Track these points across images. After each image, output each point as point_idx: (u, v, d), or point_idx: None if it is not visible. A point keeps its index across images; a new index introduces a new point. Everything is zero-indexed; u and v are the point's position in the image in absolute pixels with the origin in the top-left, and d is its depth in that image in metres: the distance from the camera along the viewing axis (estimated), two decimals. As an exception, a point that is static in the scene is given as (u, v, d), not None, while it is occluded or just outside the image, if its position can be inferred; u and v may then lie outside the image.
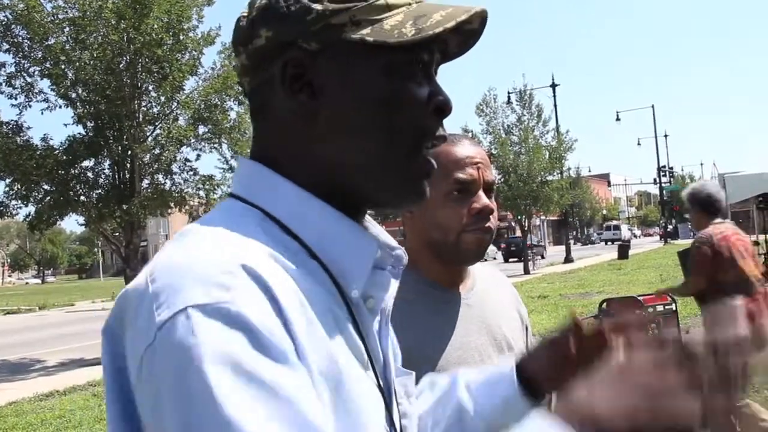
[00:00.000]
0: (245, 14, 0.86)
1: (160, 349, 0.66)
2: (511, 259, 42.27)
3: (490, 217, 1.50)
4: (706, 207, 4.96)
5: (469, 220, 1.47)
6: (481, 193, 1.49)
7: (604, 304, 9.08)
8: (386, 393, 0.85)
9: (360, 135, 0.82)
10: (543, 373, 1.07)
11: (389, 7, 0.82)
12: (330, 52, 0.81)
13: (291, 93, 0.82)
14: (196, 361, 0.64)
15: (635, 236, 68.13)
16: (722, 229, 4.86)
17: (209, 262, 0.70)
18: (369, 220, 0.91)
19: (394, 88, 0.82)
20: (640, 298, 8.80)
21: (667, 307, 8.97)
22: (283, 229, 0.80)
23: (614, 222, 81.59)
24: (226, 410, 0.62)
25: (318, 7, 0.81)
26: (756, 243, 20.30)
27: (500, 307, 1.60)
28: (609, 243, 45.19)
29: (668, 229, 57.45)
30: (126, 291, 0.74)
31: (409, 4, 0.83)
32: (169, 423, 0.64)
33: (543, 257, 42.10)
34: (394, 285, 0.89)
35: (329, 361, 0.73)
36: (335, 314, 0.78)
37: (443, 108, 0.85)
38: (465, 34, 0.87)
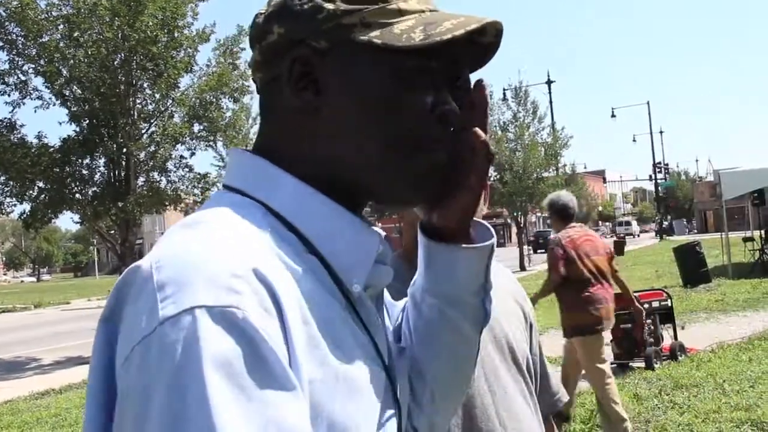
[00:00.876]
0: (262, 10, 0.87)
1: (158, 344, 0.65)
2: (539, 251, 42.81)
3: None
4: (560, 214, 5.88)
5: None
6: None
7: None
8: (393, 382, 0.86)
9: (361, 135, 0.82)
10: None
11: (401, 12, 0.82)
12: (338, 52, 0.82)
13: (297, 90, 0.83)
14: (195, 363, 0.63)
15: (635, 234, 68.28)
16: (571, 233, 5.76)
17: (221, 262, 0.69)
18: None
19: (398, 92, 0.82)
20: (636, 294, 8.84)
21: (662, 303, 9.01)
22: (284, 223, 0.80)
23: (626, 218, 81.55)
24: (216, 418, 0.61)
25: (330, 6, 0.81)
26: (750, 239, 20.48)
27: (500, 303, 1.57)
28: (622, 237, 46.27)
29: (663, 226, 57.58)
30: (127, 274, 0.73)
31: (422, 12, 0.84)
32: (154, 418, 0.63)
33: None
34: (390, 274, 0.90)
35: (335, 364, 0.73)
36: (339, 312, 0.78)
37: (447, 116, 0.84)
38: (480, 48, 0.87)
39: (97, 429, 0.72)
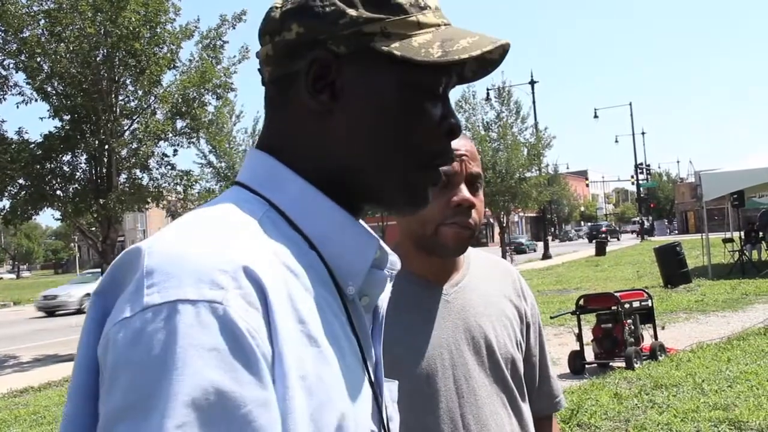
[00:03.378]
0: (278, 5, 0.87)
1: (135, 329, 0.66)
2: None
3: (472, 212, 1.47)
4: None
5: (447, 213, 1.45)
6: (462, 186, 1.46)
7: (581, 300, 9.19)
8: (378, 391, 0.85)
9: (371, 142, 0.83)
10: None
11: (420, 26, 0.83)
12: (356, 58, 0.83)
13: (314, 91, 0.83)
14: (170, 353, 0.64)
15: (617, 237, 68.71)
16: None
17: (209, 256, 0.70)
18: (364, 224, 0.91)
19: (411, 104, 0.84)
20: (616, 294, 8.91)
21: (643, 303, 9.08)
22: (287, 221, 0.81)
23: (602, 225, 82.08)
24: (179, 410, 0.62)
25: (353, 12, 0.82)
26: (730, 240, 20.69)
27: (488, 302, 1.55)
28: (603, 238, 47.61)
29: (645, 226, 57.97)
30: (124, 254, 0.74)
31: (438, 26, 0.85)
32: (117, 399, 0.64)
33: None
34: (388, 288, 0.90)
35: (314, 363, 0.73)
36: (333, 311, 0.79)
37: (454, 131, 0.87)
38: (483, 62, 0.90)
39: (83, 394, 0.73)
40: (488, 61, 0.90)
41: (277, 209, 0.81)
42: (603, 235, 59.16)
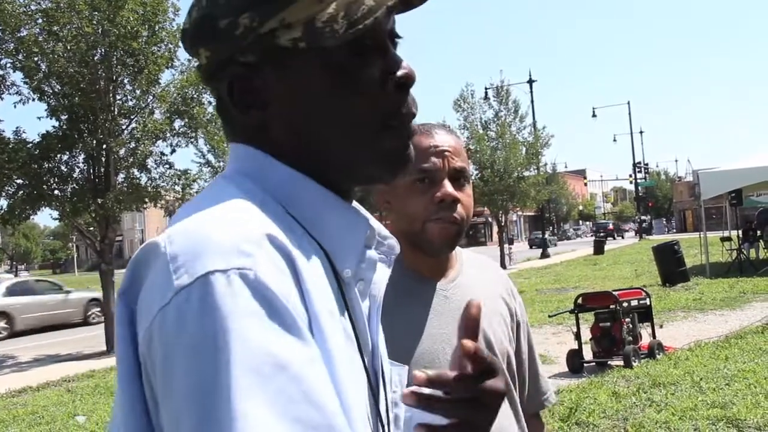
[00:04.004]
0: (186, 26, 0.85)
1: (174, 314, 0.65)
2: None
3: (457, 206, 1.48)
4: None
5: (432, 209, 1.46)
6: (446, 182, 1.47)
7: (580, 299, 9.20)
8: (373, 379, 0.84)
9: (320, 132, 0.81)
10: None
11: (320, 1, 0.78)
12: (269, 60, 0.80)
13: (244, 108, 0.82)
14: (211, 329, 0.63)
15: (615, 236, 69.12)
16: None
17: (232, 230, 0.69)
18: (357, 205, 0.90)
19: (341, 80, 0.80)
20: (615, 292, 8.92)
21: (641, 301, 9.09)
22: (281, 206, 0.80)
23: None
24: (237, 382, 0.62)
25: (245, 20, 0.78)
26: (728, 239, 20.71)
27: (484, 300, 1.58)
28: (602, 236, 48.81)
29: (643, 225, 57.99)
30: (142, 249, 0.73)
31: None
32: (178, 386, 0.64)
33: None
34: (386, 272, 0.89)
35: (342, 338, 0.74)
36: (334, 291, 0.78)
37: (403, 81, 0.83)
38: None
39: (130, 398, 0.71)
40: None
41: (271, 196, 0.80)
42: (608, 233, 60.52)
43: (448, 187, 1.47)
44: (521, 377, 1.66)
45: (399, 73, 0.83)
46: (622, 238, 66.43)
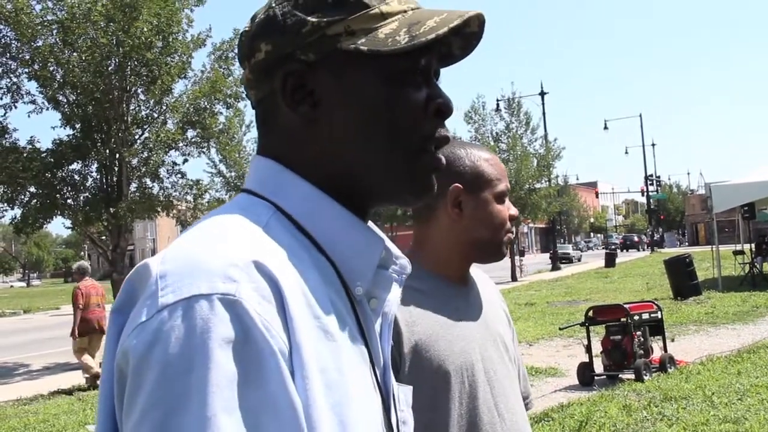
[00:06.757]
0: (246, 28, 0.89)
1: (154, 330, 0.67)
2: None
3: None
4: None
5: (509, 223, 1.67)
6: (508, 202, 1.68)
7: (591, 311, 9.16)
8: (385, 395, 0.86)
9: (361, 140, 0.84)
10: None
11: (384, 16, 0.83)
12: (327, 63, 0.83)
13: (293, 104, 0.84)
14: (189, 349, 0.65)
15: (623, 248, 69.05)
16: (88, 283, 10.98)
17: (220, 255, 0.72)
18: (372, 225, 0.92)
19: (391, 94, 0.84)
20: (626, 305, 8.87)
21: (652, 314, 9.04)
22: (294, 224, 0.82)
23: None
24: (207, 410, 0.63)
25: (313, 19, 0.83)
26: (740, 252, 20.58)
27: (492, 305, 1.72)
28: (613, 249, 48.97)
29: (655, 238, 57.72)
30: (136, 268, 0.76)
31: (405, 12, 0.85)
32: (142, 400, 0.65)
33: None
34: (397, 291, 0.90)
35: (332, 357, 0.75)
36: (339, 311, 0.80)
37: (443, 110, 0.87)
38: (466, 37, 0.90)
39: (106, 417, 0.75)
40: (470, 35, 0.90)
41: (284, 213, 0.82)
42: (633, 245, 61.23)
43: (513, 207, 1.69)
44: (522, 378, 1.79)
45: (440, 100, 0.87)
46: (643, 249, 66.45)
